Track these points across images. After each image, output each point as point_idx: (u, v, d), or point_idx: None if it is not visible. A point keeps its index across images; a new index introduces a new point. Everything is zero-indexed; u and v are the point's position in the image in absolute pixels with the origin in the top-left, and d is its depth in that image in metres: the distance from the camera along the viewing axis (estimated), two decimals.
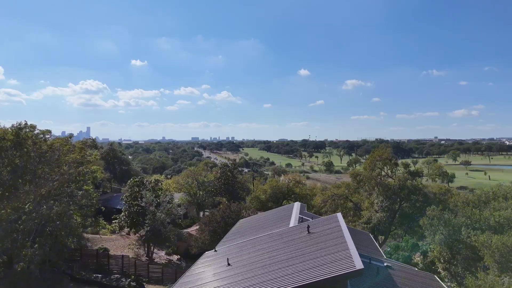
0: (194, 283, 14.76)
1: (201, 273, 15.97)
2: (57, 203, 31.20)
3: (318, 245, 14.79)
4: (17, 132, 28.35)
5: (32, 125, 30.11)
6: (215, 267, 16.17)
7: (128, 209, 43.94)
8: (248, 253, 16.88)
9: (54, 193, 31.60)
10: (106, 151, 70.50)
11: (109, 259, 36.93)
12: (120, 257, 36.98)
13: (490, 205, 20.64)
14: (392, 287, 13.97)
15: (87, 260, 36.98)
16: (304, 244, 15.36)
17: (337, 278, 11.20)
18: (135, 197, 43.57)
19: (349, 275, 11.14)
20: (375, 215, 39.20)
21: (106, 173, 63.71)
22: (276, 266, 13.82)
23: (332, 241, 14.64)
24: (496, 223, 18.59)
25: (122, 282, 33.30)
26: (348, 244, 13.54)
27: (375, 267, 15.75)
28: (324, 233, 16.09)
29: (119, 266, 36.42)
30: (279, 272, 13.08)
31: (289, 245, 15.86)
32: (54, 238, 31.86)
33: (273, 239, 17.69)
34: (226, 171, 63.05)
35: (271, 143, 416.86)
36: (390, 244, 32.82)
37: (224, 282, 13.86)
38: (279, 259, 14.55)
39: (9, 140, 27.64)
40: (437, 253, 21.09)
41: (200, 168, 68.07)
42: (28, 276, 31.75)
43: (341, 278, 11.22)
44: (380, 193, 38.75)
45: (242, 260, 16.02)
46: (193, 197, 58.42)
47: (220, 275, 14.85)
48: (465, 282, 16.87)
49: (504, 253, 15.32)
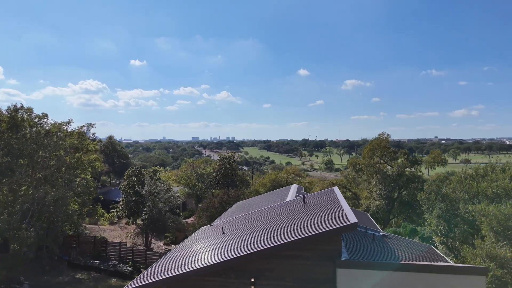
0: (189, 247, 14.65)
1: (195, 240, 15.85)
2: (53, 188, 31.12)
3: (314, 211, 14.67)
4: (13, 114, 28.22)
5: (29, 108, 29.98)
6: (210, 236, 16.05)
7: (126, 198, 43.83)
8: (244, 223, 16.76)
9: (51, 179, 31.50)
10: (105, 144, 70.33)
11: (106, 246, 36.83)
12: (118, 244, 36.87)
13: (488, 178, 20.56)
14: (388, 252, 13.83)
15: (85, 248, 36.88)
16: (300, 213, 15.24)
17: (332, 231, 11.08)
18: (133, 186, 43.45)
19: (343, 228, 11.01)
20: (373, 203, 39.06)
21: (105, 165, 63.59)
22: (272, 229, 13.71)
23: (327, 206, 14.54)
24: (493, 194, 18.48)
25: (119, 267, 33.19)
26: (343, 206, 13.43)
27: (370, 235, 15.63)
28: (319, 202, 15.97)
29: (117, 254, 36.31)
30: (275, 233, 12.97)
31: (285, 215, 15.74)
32: (49, 223, 31.77)
33: (269, 212, 17.57)
34: (225, 163, 62.81)
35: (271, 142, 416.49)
36: (388, 230, 32.67)
37: (219, 244, 13.75)
38: (275, 224, 14.44)
39: (5, 121, 27.51)
40: (434, 226, 20.98)
41: (199, 162, 67.89)
42: (25, 260, 31.67)
43: (335, 232, 11.10)
44: (379, 181, 38.60)
45: (238, 228, 15.91)
46: (192, 189, 58.23)
47: (214, 240, 14.74)
48: (462, 253, 16.79)
49: (501, 221, 15.21)
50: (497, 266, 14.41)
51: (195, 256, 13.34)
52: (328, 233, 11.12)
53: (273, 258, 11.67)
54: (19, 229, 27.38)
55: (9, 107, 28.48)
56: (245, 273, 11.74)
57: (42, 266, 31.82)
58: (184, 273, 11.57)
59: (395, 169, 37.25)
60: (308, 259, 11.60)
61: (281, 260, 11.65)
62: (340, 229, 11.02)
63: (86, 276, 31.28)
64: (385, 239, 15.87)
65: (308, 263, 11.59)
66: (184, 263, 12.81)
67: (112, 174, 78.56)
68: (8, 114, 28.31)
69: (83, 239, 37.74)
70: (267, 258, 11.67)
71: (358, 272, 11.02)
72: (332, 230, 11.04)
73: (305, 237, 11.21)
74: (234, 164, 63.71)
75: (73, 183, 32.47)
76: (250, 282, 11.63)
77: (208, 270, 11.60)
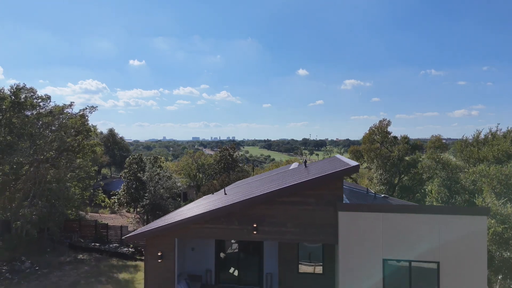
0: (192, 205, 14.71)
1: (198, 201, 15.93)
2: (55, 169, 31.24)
3: (316, 170, 14.75)
4: (15, 93, 28.29)
5: (32, 89, 30.05)
6: (213, 197, 16.14)
7: (127, 184, 43.94)
8: (247, 186, 16.85)
9: (53, 160, 31.56)
10: (106, 136, 70.41)
11: (108, 230, 36.87)
12: (119, 228, 36.94)
13: (488, 143, 20.56)
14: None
15: (86, 231, 36.93)
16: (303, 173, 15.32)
17: (333, 175, 11.14)
18: (134, 173, 43.55)
19: (344, 171, 11.07)
20: (374, 189, 38.98)
21: (106, 156, 63.64)
22: (274, 182, 13.79)
23: (329, 165, 14.61)
24: (494, 159, 18.50)
25: (120, 249, 33.24)
26: (345, 160, 13.49)
27: (372, 195, 15.69)
28: (322, 165, 16.05)
29: (118, 237, 36.37)
30: (277, 184, 13.04)
31: (288, 174, 15.82)
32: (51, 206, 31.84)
33: (272, 176, 17.66)
34: (225, 154, 62.81)
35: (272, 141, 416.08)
36: None
37: (221, 200, 13.83)
38: (278, 180, 14.52)
39: (7, 99, 27.60)
40: (435, 193, 20.96)
41: (200, 153, 67.96)
42: (27, 242, 31.76)
43: (337, 175, 11.16)
44: (379, 166, 38.57)
45: (241, 189, 15.99)
46: (192, 179, 58.30)
47: (216, 197, 14.82)
48: None
49: (501, 180, 15.26)
50: (498, 223, 14.45)
51: (197, 208, 13.42)
52: (330, 177, 11.18)
53: (275, 204, 11.74)
54: (21, 207, 27.45)
55: (11, 86, 28.54)
56: (247, 219, 11.81)
57: (43, 248, 31.91)
58: (186, 219, 11.64)
59: (396, 153, 37.22)
60: (310, 204, 11.67)
61: (283, 205, 11.72)
62: (341, 172, 11.07)
63: (88, 256, 31.37)
64: (387, 199, 15.93)
65: (309, 209, 11.66)
66: (186, 215, 12.88)
67: (112, 167, 78.61)
68: (10, 93, 28.38)
69: (84, 223, 37.83)
70: (269, 204, 11.74)
71: (359, 215, 11.07)
72: (333, 174, 11.10)
73: (306, 180, 11.27)
74: (235, 155, 63.74)
75: (75, 164, 32.55)
76: (252, 227, 11.70)
77: (210, 216, 11.67)
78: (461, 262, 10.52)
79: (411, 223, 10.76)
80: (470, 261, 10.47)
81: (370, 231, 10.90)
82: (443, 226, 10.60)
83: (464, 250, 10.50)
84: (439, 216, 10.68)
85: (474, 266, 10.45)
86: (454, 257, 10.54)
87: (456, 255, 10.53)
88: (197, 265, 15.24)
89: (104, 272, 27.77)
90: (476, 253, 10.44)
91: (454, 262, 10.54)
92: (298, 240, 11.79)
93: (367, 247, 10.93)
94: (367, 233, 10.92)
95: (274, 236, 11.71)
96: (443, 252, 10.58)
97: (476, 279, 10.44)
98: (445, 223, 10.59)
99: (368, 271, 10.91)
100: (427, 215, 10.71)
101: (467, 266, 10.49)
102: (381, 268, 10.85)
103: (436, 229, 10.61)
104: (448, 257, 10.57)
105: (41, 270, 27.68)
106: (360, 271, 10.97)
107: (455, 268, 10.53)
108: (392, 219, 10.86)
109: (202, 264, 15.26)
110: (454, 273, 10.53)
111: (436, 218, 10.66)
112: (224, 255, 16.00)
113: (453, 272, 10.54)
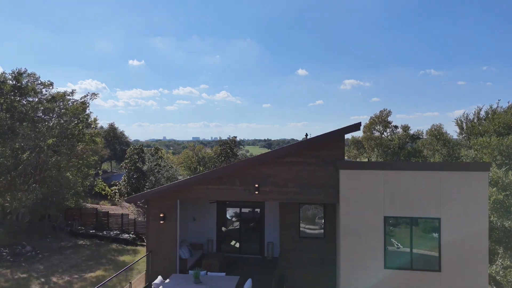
0: None
1: None
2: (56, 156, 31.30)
3: None
4: (17, 77, 28.36)
5: (34, 74, 30.11)
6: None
7: (128, 174, 43.92)
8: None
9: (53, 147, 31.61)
10: (107, 130, 70.43)
11: (108, 218, 36.95)
12: (120, 216, 37.04)
13: (489, 118, 20.61)
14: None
15: (87, 219, 37.03)
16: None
17: (334, 133, 11.19)
18: (135, 163, 43.54)
19: (346, 129, 11.12)
20: None
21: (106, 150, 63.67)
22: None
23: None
24: (495, 132, 18.50)
25: (121, 235, 33.31)
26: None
27: None
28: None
29: (119, 225, 36.45)
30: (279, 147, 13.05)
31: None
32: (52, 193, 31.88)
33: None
34: (226, 148, 62.82)
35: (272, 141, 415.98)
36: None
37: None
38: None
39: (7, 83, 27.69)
40: None
41: (200, 147, 68.01)
42: (27, 228, 31.81)
43: (338, 133, 11.21)
44: (380, 154, 38.62)
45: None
46: (193, 172, 58.31)
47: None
48: None
49: (502, 151, 15.28)
50: (499, 190, 14.48)
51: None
52: (331, 136, 11.23)
53: (277, 165, 11.79)
54: (21, 190, 27.50)
55: (13, 70, 28.61)
56: (249, 179, 11.85)
57: (44, 234, 31.99)
58: (189, 178, 11.68)
59: (396, 141, 37.26)
60: (311, 164, 11.72)
61: (284, 166, 11.77)
62: (342, 130, 11.12)
63: (88, 242, 31.44)
64: None
65: (311, 169, 11.71)
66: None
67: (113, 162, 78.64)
68: (11, 77, 28.45)
69: (85, 211, 37.96)
70: (270, 164, 11.78)
71: (360, 173, 11.10)
72: (334, 132, 11.14)
73: (307, 139, 11.32)
74: (236, 149, 63.76)
75: (75, 151, 32.63)
76: (253, 188, 11.74)
77: (212, 176, 11.71)
78: (462, 218, 10.55)
79: (412, 180, 10.79)
80: (471, 217, 10.50)
81: (371, 189, 10.93)
82: (444, 183, 10.62)
83: (466, 206, 10.53)
84: (440, 172, 10.71)
85: (475, 222, 10.48)
86: (456, 213, 10.57)
87: (457, 211, 10.56)
88: (198, 236, 15.30)
89: (104, 255, 27.82)
90: (477, 209, 10.47)
91: (456, 218, 10.57)
92: (299, 200, 11.84)
93: (368, 205, 10.96)
94: (368, 191, 10.95)
95: (276, 196, 11.75)
96: (444, 209, 10.62)
97: (477, 234, 10.47)
98: (446, 179, 10.62)
99: (369, 229, 10.93)
100: (428, 172, 10.74)
101: (469, 222, 10.52)
102: (382, 226, 10.88)
103: (437, 185, 10.64)
104: (449, 214, 10.60)
105: (42, 253, 27.72)
106: (361, 229, 10.99)
107: (457, 224, 10.56)
108: (393, 176, 10.90)
109: (203, 235, 15.32)
110: (456, 229, 10.56)
111: (437, 174, 10.69)
112: (226, 229, 16.04)
113: (455, 228, 10.56)
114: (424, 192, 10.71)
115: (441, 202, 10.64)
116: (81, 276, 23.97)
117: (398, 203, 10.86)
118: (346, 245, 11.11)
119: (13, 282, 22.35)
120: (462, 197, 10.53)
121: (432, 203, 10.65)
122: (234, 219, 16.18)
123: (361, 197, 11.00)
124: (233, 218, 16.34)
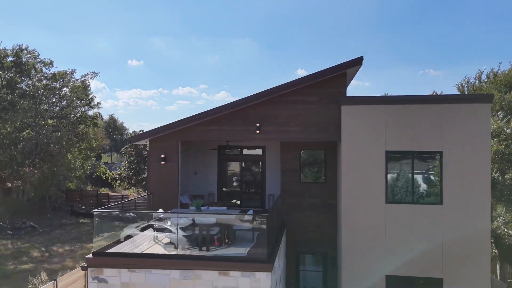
0: None
1: None
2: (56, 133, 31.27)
3: None
4: (17, 53, 28.35)
5: (34, 52, 30.06)
6: None
7: (128, 158, 43.95)
8: None
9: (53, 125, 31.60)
10: (107, 121, 70.46)
11: (109, 200, 36.98)
12: (120, 197, 37.11)
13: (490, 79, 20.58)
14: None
15: (87, 201, 37.10)
16: None
17: (336, 68, 11.18)
18: (135, 147, 43.56)
19: (347, 63, 11.11)
20: None
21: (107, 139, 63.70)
22: None
23: None
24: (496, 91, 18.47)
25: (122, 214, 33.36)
26: None
27: None
28: None
29: (119, 206, 36.49)
30: None
31: None
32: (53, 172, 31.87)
33: None
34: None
35: None
36: None
37: None
38: None
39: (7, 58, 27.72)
40: None
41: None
42: (29, 207, 31.80)
43: (339, 68, 11.20)
44: None
45: None
46: None
47: None
48: None
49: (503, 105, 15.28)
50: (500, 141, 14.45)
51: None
52: (332, 71, 11.21)
53: (278, 104, 11.77)
54: (22, 165, 27.49)
55: (13, 46, 28.61)
56: (250, 120, 11.83)
57: (44, 213, 32.00)
58: (190, 117, 11.66)
59: None
60: (313, 103, 11.69)
61: (285, 105, 11.74)
62: (343, 65, 11.10)
63: (89, 220, 31.43)
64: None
65: (312, 107, 11.69)
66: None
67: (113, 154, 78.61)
68: (12, 53, 28.44)
69: (85, 194, 38.00)
70: (271, 104, 11.76)
71: (362, 108, 11.08)
72: (335, 67, 11.13)
73: (309, 75, 11.30)
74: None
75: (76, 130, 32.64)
76: (255, 127, 11.72)
77: (213, 114, 11.69)
78: (464, 151, 10.50)
79: (414, 114, 10.75)
80: (473, 150, 10.46)
81: (373, 124, 10.88)
82: (445, 116, 10.57)
83: (467, 139, 10.48)
84: (441, 105, 10.67)
85: (477, 155, 10.44)
86: (457, 146, 10.52)
87: (459, 144, 10.52)
88: (199, 189, 15.31)
89: (106, 230, 27.79)
90: (479, 142, 10.43)
91: (457, 151, 10.53)
92: (301, 139, 11.81)
93: (370, 139, 10.91)
94: (370, 125, 10.90)
95: (277, 136, 11.72)
96: (446, 142, 10.57)
97: (479, 167, 10.44)
98: (448, 112, 10.59)
99: (370, 164, 10.90)
100: (430, 105, 10.71)
101: (470, 156, 10.47)
102: (384, 160, 10.85)
103: (439, 118, 10.60)
104: (451, 147, 10.56)
105: (42, 229, 27.74)
106: (362, 164, 10.94)
107: (458, 157, 10.52)
108: (395, 110, 10.86)
109: (204, 188, 15.33)
110: (457, 162, 10.52)
111: (439, 108, 10.65)
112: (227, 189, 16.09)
113: (456, 161, 10.53)
114: (426, 126, 10.67)
115: (443, 135, 10.60)
116: (83, 246, 24.00)
117: (400, 137, 10.83)
118: (348, 180, 11.09)
119: (14, 250, 22.39)
120: (464, 130, 10.48)
121: (434, 137, 10.62)
122: (234, 180, 16.27)
123: (363, 132, 10.95)
124: (233, 178, 16.38)
